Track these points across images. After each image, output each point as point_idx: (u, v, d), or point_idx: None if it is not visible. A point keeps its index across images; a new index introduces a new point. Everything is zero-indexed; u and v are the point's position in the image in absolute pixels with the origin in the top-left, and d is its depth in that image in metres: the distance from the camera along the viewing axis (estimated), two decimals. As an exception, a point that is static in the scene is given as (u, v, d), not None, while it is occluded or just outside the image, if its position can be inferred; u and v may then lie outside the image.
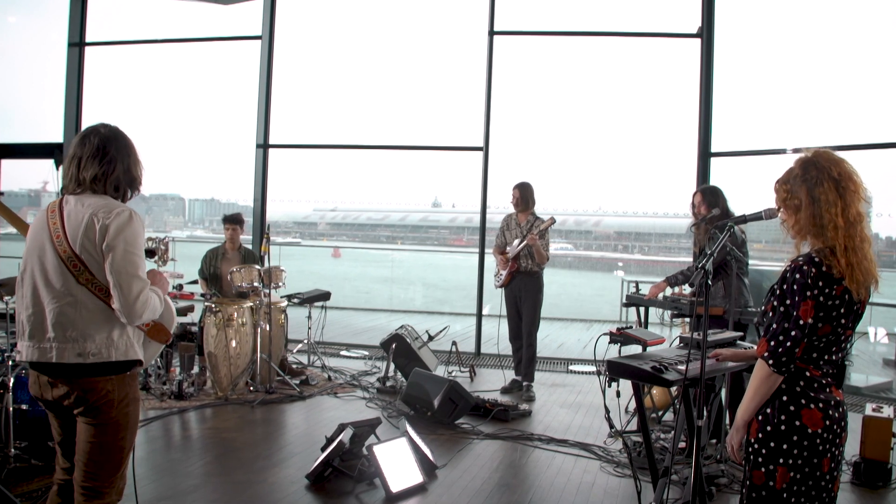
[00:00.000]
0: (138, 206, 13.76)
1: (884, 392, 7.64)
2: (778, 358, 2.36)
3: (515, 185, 7.16)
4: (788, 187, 2.52)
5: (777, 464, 2.43)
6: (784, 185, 2.54)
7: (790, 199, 2.51)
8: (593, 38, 9.20)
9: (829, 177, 2.44)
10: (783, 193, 2.54)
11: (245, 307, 6.67)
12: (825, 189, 2.43)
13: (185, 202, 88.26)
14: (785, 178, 2.55)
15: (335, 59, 18.26)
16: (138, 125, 26.93)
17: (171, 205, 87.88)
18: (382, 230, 74.24)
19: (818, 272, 2.37)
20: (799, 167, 2.51)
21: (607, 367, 2.95)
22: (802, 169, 2.49)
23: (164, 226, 71.74)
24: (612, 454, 5.23)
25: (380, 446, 4.37)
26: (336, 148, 10.30)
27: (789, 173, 2.54)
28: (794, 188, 2.50)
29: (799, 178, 2.49)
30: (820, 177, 2.45)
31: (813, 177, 2.45)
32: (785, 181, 2.55)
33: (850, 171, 2.47)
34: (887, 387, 7.92)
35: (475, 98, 9.08)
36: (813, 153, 2.53)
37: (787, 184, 2.53)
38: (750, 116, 9.46)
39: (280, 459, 4.96)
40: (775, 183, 2.60)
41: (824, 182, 2.44)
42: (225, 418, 5.90)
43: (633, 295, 5.84)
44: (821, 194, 2.43)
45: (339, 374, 7.53)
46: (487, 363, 8.66)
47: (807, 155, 2.54)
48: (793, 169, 2.53)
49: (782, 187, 2.55)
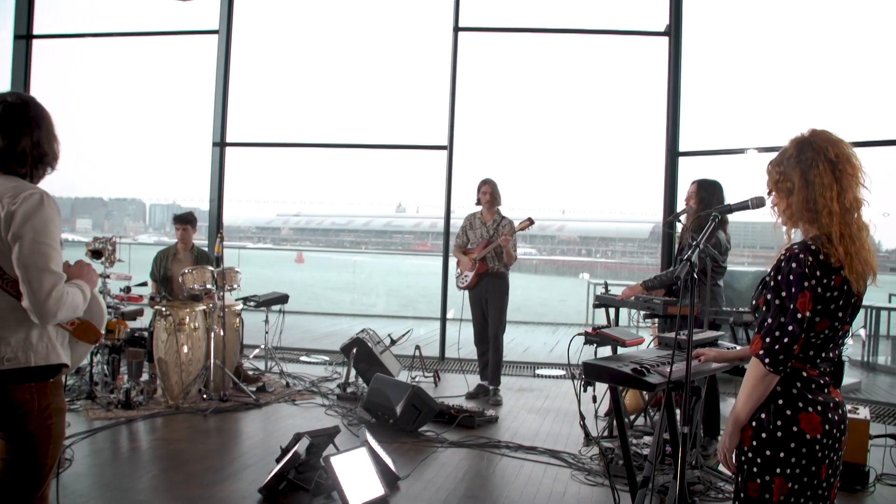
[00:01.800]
0: (98, 210, 13.38)
1: (853, 393, 7.56)
2: (775, 356, 2.15)
3: (485, 180, 6.93)
4: (781, 168, 2.32)
5: (774, 474, 2.22)
6: (777, 167, 2.33)
7: (782, 181, 2.31)
8: (560, 35, 9.04)
9: (825, 158, 2.23)
10: (775, 175, 2.33)
11: (197, 311, 6.34)
12: (820, 171, 2.23)
13: (145, 206, 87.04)
14: (778, 160, 2.34)
15: (296, 56, 17.95)
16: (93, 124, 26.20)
17: (132, 209, 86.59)
18: (346, 235, 73.95)
19: (815, 260, 2.17)
20: (794, 147, 2.30)
21: (583, 370, 2.72)
22: (797, 149, 2.28)
23: (124, 230, 70.50)
24: (583, 461, 5.01)
25: (338, 457, 4.10)
26: (296, 146, 9.98)
27: (783, 154, 2.33)
28: (788, 170, 2.29)
29: (793, 158, 2.28)
30: (815, 158, 2.24)
31: (808, 158, 2.25)
32: (778, 162, 2.34)
33: (848, 153, 2.27)
34: (856, 387, 7.85)
35: (440, 96, 8.87)
36: (810, 132, 2.32)
37: (779, 165, 2.33)
38: (718, 115, 9.38)
39: (232, 472, 4.66)
40: (768, 164, 2.40)
41: (820, 164, 2.23)
42: (175, 428, 5.58)
43: (604, 295, 5.63)
44: (815, 177, 2.23)
45: (297, 381, 7.22)
46: (452, 368, 8.42)
47: (803, 134, 2.34)
48: (787, 149, 2.32)
49: (774, 169, 2.34)
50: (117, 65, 14.60)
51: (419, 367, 7.82)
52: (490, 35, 9.08)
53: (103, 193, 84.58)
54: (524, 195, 25.16)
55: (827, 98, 9.57)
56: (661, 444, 3.03)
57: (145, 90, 26.58)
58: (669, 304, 4.93)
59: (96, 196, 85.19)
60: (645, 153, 11.08)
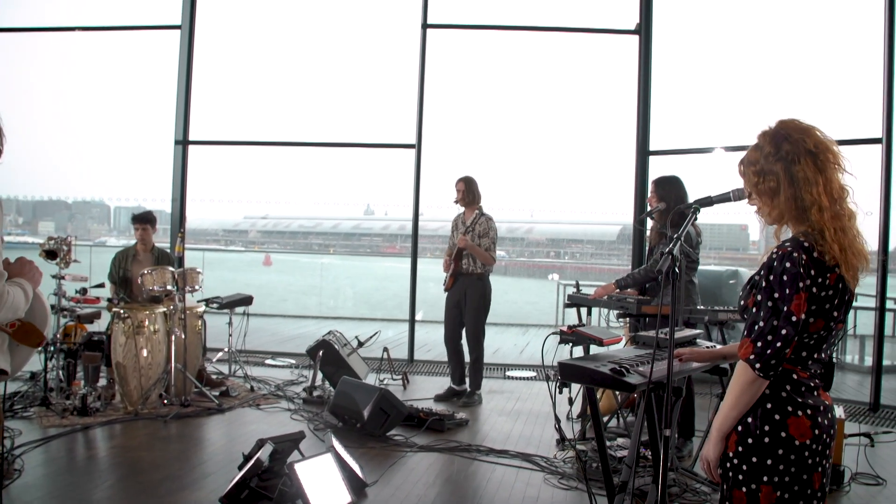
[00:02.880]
0: (61, 213, 13.08)
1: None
2: (766, 361, 2.01)
3: (461, 177, 6.79)
4: (759, 168, 2.17)
5: (761, 482, 2.09)
6: (752, 167, 2.18)
7: (763, 182, 2.16)
8: (530, 32, 8.94)
9: (805, 150, 2.10)
10: (753, 177, 2.18)
11: (157, 313, 6.12)
12: (803, 165, 2.09)
13: (109, 209, 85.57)
14: (753, 158, 2.19)
15: (262, 53, 17.65)
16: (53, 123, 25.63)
17: (96, 212, 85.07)
18: (314, 238, 73.46)
19: (810, 259, 2.04)
20: (769, 143, 2.15)
21: (559, 371, 2.59)
22: (773, 144, 2.14)
23: (87, 234, 69.21)
24: (555, 465, 4.89)
25: (302, 464, 3.93)
26: (261, 145, 9.77)
27: (758, 152, 2.18)
28: (768, 168, 2.14)
29: (772, 156, 2.14)
30: (795, 151, 2.10)
31: (788, 152, 2.11)
32: (753, 161, 2.19)
33: (824, 139, 2.14)
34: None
35: (408, 94, 8.73)
36: (778, 124, 2.18)
37: (755, 164, 2.18)
38: (687, 115, 9.37)
39: (192, 480, 4.46)
40: (740, 165, 2.24)
41: (801, 157, 2.10)
42: (133, 435, 5.36)
43: (576, 295, 5.53)
44: (799, 172, 2.09)
45: (262, 385, 7.03)
46: (421, 370, 8.28)
47: (771, 127, 2.19)
48: (761, 146, 2.18)
49: (750, 169, 2.19)
50: (77, 61, 14.27)
51: (387, 370, 7.66)
52: (459, 32, 8.93)
53: (66, 195, 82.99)
54: (494, 196, 25.53)
55: (794, 97, 9.61)
56: (639, 447, 2.91)
57: (107, 87, 26.14)
58: (643, 302, 4.84)
59: (59, 198, 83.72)
60: (615, 152, 11.05)
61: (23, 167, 7.84)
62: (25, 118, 7.85)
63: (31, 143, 14.00)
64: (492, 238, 6.65)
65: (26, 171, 19.32)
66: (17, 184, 27.99)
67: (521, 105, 46.27)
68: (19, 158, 2.44)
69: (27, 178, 30.07)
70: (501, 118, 48.22)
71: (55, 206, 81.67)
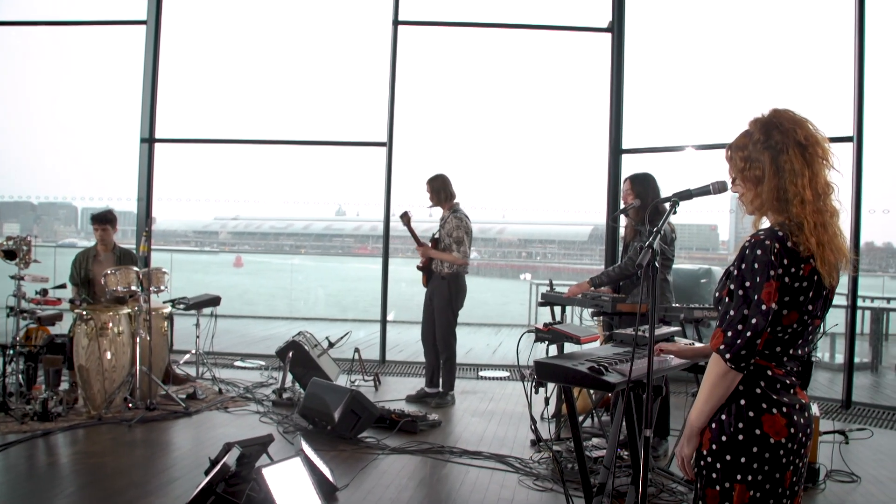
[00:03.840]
0: (27, 215, 12.76)
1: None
2: (737, 351, 1.97)
3: (427, 180, 6.73)
4: (746, 154, 2.13)
5: (734, 480, 2.05)
6: (740, 153, 2.14)
7: (749, 169, 2.12)
8: (503, 30, 8.86)
9: (794, 142, 2.06)
10: (739, 162, 2.14)
11: (122, 314, 5.96)
12: (790, 157, 2.05)
13: (77, 210, 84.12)
14: (741, 144, 2.15)
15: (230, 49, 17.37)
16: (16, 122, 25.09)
17: (63, 213, 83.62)
18: (286, 239, 72.86)
19: (783, 248, 1.99)
20: (760, 131, 2.11)
21: (535, 370, 2.50)
22: (764, 133, 2.10)
23: (54, 235, 68.01)
24: (530, 466, 4.82)
25: (270, 468, 3.81)
26: (230, 143, 9.57)
27: (747, 138, 2.14)
28: (755, 156, 2.10)
29: (760, 143, 2.09)
30: (785, 142, 2.06)
31: (777, 142, 2.07)
32: (741, 147, 2.15)
33: (815, 133, 2.10)
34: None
35: (379, 92, 8.62)
36: (772, 113, 2.14)
37: (743, 150, 2.14)
38: (659, 113, 9.36)
39: (156, 487, 4.32)
40: (727, 150, 2.20)
41: (790, 148, 2.05)
42: (97, 441, 5.20)
43: (550, 293, 5.46)
44: (785, 163, 2.05)
45: (231, 387, 6.88)
46: (393, 371, 8.18)
47: (763, 115, 2.16)
48: (751, 133, 2.13)
49: (737, 154, 2.15)
50: (40, 57, 13.89)
51: (359, 371, 7.54)
52: (431, 29, 8.84)
53: (31, 196, 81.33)
54: (467, 196, 25.30)
55: (765, 95, 9.65)
56: (616, 447, 2.84)
57: (72, 84, 25.44)
58: (618, 300, 4.79)
59: (24, 199, 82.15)
60: (587, 151, 11.00)
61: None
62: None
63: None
64: (455, 237, 6.51)
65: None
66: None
67: (493, 104, 46.11)
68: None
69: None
70: (474, 117, 47.97)
71: (20, 208, 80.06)
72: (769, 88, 9.22)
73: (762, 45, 9.47)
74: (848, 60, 6.86)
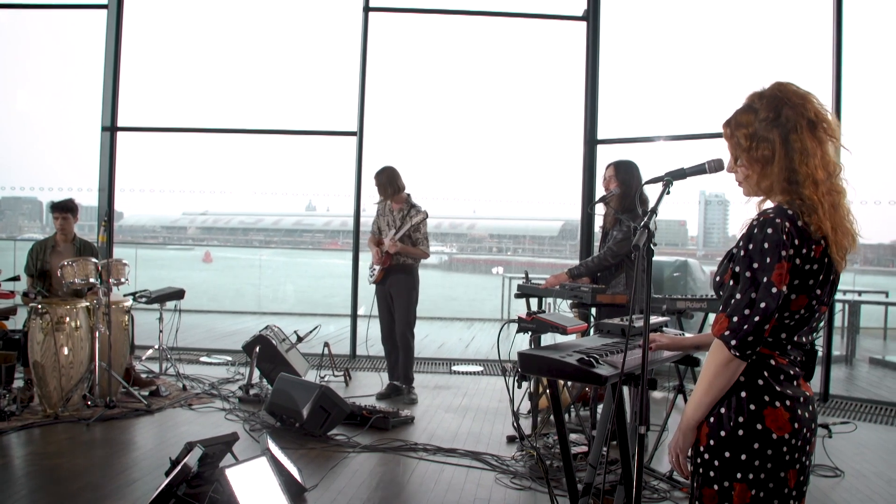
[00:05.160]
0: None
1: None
2: (743, 338, 1.81)
3: (375, 174, 6.59)
4: (752, 132, 1.95)
5: (734, 479, 1.90)
6: (743, 130, 1.97)
7: (756, 148, 1.95)
8: (475, 17, 8.69)
9: (805, 119, 1.90)
10: (745, 141, 1.97)
11: (79, 308, 5.69)
12: (801, 135, 1.89)
13: (42, 205, 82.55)
14: (744, 121, 1.98)
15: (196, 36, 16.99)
16: (-27, 112, 24.36)
17: (27, 208, 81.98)
18: (255, 234, 72.22)
19: (793, 227, 1.84)
20: (767, 107, 1.94)
21: (519, 362, 2.33)
22: (772, 109, 1.93)
23: (18, 231, 66.63)
24: (507, 463, 4.66)
25: (234, 469, 3.60)
26: (196, 132, 9.28)
27: (751, 114, 1.97)
28: (763, 134, 1.93)
29: (769, 121, 1.93)
30: (796, 120, 1.90)
31: (788, 119, 1.90)
32: (744, 124, 1.97)
33: (822, 110, 1.94)
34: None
35: (349, 80, 8.42)
36: (775, 87, 1.97)
37: (748, 127, 1.96)
38: (634, 103, 9.27)
39: (114, 489, 4.09)
40: (725, 127, 2.03)
41: (800, 126, 1.90)
42: (52, 441, 4.94)
43: (526, 284, 5.30)
44: (796, 142, 1.89)
45: (195, 384, 6.64)
46: (364, 366, 7.99)
47: (766, 90, 1.99)
48: (756, 108, 1.96)
49: (740, 132, 1.97)
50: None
51: (328, 366, 7.35)
52: (402, 16, 8.64)
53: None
54: (438, 187, 24.49)
55: (740, 87, 9.61)
56: (602, 445, 2.68)
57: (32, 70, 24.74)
58: (598, 291, 4.64)
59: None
60: (561, 142, 10.87)
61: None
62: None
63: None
64: (423, 233, 6.46)
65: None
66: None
67: (466, 93, 45.78)
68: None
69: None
70: (446, 107, 47.73)
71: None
72: (744, 79, 9.17)
73: (737, 35, 9.43)
74: (826, 56, 6.77)
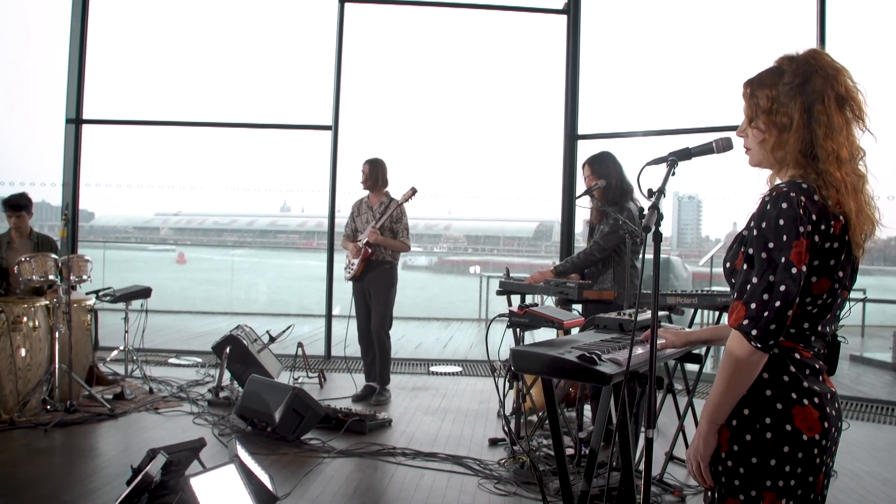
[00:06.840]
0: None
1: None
2: (765, 325, 1.61)
3: (366, 160, 6.36)
4: (774, 94, 1.77)
5: (763, 487, 1.70)
6: (766, 90, 1.79)
7: (777, 112, 1.76)
8: (454, 9, 8.51)
9: (835, 93, 1.72)
10: (765, 102, 1.78)
11: (38, 306, 5.41)
12: (826, 108, 1.71)
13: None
14: (768, 81, 1.80)
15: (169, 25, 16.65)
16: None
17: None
18: (229, 235, 71.56)
19: (809, 201, 1.66)
20: (795, 72, 1.76)
21: (512, 359, 2.11)
22: (801, 75, 1.75)
23: (-22, 227, 65.34)
24: (490, 468, 4.45)
25: (199, 477, 3.35)
26: (165, 125, 8.98)
27: (777, 76, 1.79)
28: (785, 99, 1.75)
29: (794, 87, 1.74)
30: (825, 91, 1.72)
31: (815, 89, 1.72)
32: (768, 84, 1.79)
33: (854, 87, 1.76)
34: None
35: (325, 73, 8.18)
36: (809, 53, 1.78)
37: (771, 89, 1.78)
38: (616, 98, 9.14)
39: (72, 499, 3.83)
40: (747, 86, 1.83)
41: (828, 98, 1.72)
42: (7, 448, 4.66)
43: (508, 281, 5.09)
44: (820, 114, 1.71)
45: (163, 386, 6.36)
46: (339, 367, 7.74)
47: (799, 54, 1.79)
48: (784, 70, 1.78)
49: (762, 92, 1.79)
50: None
51: (302, 367, 7.10)
52: (379, 8, 8.43)
53: (-49, 184, 77.95)
54: (414, 183, 24.58)
55: (721, 81, 9.55)
56: (599, 448, 2.48)
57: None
58: (585, 287, 4.45)
59: (-57, 189, 78.83)
60: (541, 137, 10.70)
61: None
62: None
63: None
64: (404, 224, 6.29)
65: None
66: None
67: (444, 87, 45.48)
68: None
69: None
70: (424, 101, 47.53)
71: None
72: (724, 74, 9.10)
73: (716, 30, 9.36)
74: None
